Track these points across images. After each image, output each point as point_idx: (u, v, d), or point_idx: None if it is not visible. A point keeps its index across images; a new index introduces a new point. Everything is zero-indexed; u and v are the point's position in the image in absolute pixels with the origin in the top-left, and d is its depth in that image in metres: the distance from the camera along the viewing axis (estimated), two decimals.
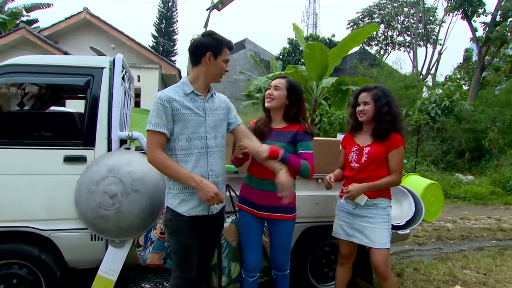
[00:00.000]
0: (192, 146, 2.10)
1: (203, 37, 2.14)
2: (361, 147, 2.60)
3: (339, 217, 2.69)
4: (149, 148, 2.07)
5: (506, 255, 4.64)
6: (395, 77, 15.75)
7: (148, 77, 13.41)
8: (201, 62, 2.13)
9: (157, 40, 28.96)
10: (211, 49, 2.11)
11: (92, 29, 14.61)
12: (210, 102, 2.21)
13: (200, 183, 2.02)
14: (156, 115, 2.05)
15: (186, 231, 2.11)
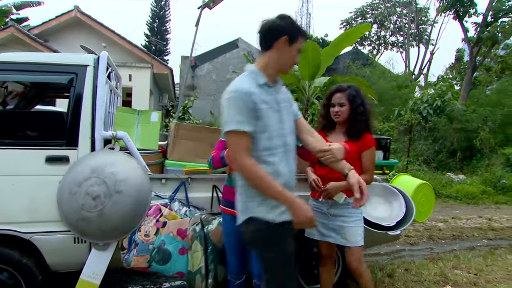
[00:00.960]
0: (273, 145, 1.79)
1: (279, 19, 1.85)
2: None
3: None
4: (235, 153, 1.72)
5: (497, 255, 4.64)
6: (387, 77, 15.79)
7: (140, 76, 13.27)
8: (273, 46, 1.83)
9: (150, 39, 28.77)
10: (287, 33, 1.82)
11: (82, 27, 14.43)
12: (280, 94, 1.91)
13: (293, 203, 1.70)
14: (237, 112, 1.69)
15: (286, 238, 1.81)
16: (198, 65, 28.75)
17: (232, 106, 1.71)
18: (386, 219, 2.99)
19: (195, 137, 2.91)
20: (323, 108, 2.67)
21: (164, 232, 2.52)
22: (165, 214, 2.55)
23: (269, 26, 1.84)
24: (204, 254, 2.45)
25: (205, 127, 3.00)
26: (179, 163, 2.85)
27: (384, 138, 3.45)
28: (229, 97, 1.72)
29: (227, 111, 1.72)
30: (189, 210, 2.64)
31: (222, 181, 2.78)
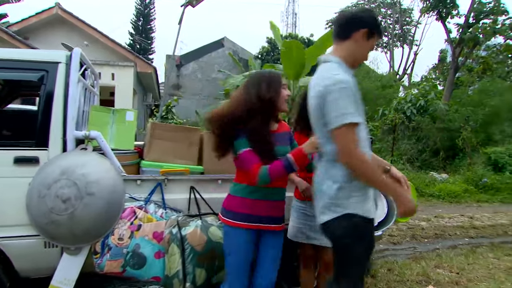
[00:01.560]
0: (363, 136, 1.79)
1: (362, 11, 1.85)
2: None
3: (298, 221, 2.59)
4: (348, 146, 1.67)
5: (478, 253, 4.67)
6: (372, 77, 15.90)
7: (123, 75, 13.05)
8: (351, 37, 1.80)
9: (134, 38, 28.36)
10: (367, 27, 1.80)
11: (64, 25, 14.11)
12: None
13: (400, 194, 1.75)
14: (349, 104, 1.66)
15: (371, 234, 1.90)
16: (183, 64, 28.49)
17: (343, 98, 1.66)
18: None
19: (173, 137, 2.82)
20: (302, 109, 2.54)
21: (139, 235, 2.43)
22: (140, 216, 2.46)
23: (351, 16, 1.85)
24: (182, 257, 2.37)
25: (182, 127, 2.92)
26: (156, 164, 2.76)
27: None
28: (338, 88, 1.67)
29: (337, 104, 1.66)
30: (166, 212, 2.55)
31: (199, 182, 2.72)
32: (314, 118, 1.87)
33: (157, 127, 2.82)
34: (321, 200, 1.87)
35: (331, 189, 1.82)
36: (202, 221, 2.52)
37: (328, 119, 1.72)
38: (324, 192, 1.85)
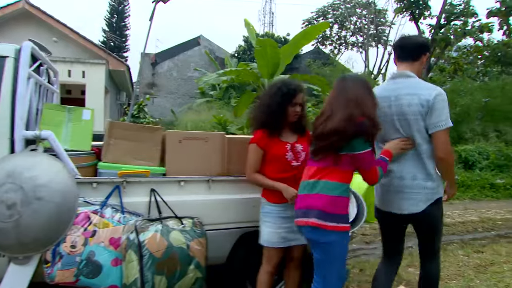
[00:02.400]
0: None
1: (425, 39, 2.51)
2: (293, 145, 2.50)
3: (276, 225, 2.47)
4: (449, 144, 2.16)
5: (449, 251, 4.70)
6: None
7: (94, 73, 12.66)
8: (419, 60, 2.28)
9: (107, 35, 27.71)
10: (428, 52, 2.36)
11: (31, 20, 13.56)
12: None
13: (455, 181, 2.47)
14: (448, 110, 2.15)
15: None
16: (158, 62, 28.00)
17: (446, 107, 2.13)
18: None
19: (133, 136, 2.67)
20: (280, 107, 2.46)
21: (94, 242, 2.27)
22: (95, 222, 2.30)
23: (422, 41, 2.39)
24: (139, 264, 2.22)
25: (143, 126, 2.76)
26: (114, 165, 2.59)
27: None
28: (443, 98, 2.13)
29: (445, 111, 2.12)
30: (124, 217, 2.40)
31: (161, 184, 2.58)
32: (411, 121, 2.17)
33: (115, 126, 2.66)
34: (411, 195, 2.24)
35: (426, 181, 2.21)
36: (162, 226, 2.38)
37: (434, 122, 2.11)
38: (416, 185, 2.22)
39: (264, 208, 2.52)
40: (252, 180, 2.52)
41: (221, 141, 2.84)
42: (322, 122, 2.05)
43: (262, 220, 2.52)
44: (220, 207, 2.73)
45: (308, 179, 2.11)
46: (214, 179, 2.72)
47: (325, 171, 2.05)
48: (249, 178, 2.53)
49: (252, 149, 2.48)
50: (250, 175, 2.51)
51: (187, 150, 2.74)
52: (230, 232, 2.78)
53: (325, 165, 2.05)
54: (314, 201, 2.04)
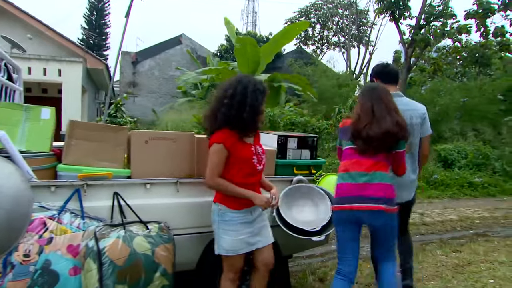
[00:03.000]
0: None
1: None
2: (255, 147, 2.43)
3: (238, 232, 2.34)
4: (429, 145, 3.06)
5: (428, 251, 4.68)
6: (329, 76, 16.04)
7: (70, 71, 12.29)
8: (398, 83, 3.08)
9: (86, 33, 27.12)
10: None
11: (4, 16, 13.09)
12: None
13: None
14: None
15: None
16: (139, 61, 27.55)
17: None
18: (311, 223, 2.80)
19: (96, 137, 2.51)
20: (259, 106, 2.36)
21: (50, 249, 2.11)
22: (52, 228, 2.14)
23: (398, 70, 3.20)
24: (99, 273, 2.08)
25: (107, 125, 2.61)
26: (74, 168, 2.43)
27: (311, 136, 3.26)
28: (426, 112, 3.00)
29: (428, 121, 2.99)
30: (84, 223, 2.25)
31: (125, 187, 2.44)
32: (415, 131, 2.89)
33: (76, 126, 2.49)
34: (408, 187, 2.92)
35: (414, 177, 2.97)
36: (125, 231, 2.24)
37: (425, 130, 2.97)
38: (411, 181, 2.94)
39: (224, 216, 2.34)
40: (215, 186, 2.31)
41: (190, 141, 2.71)
42: (365, 126, 2.40)
43: (221, 229, 2.35)
44: (189, 211, 2.61)
45: (365, 171, 2.42)
46: (182, 181, 2.60)
47: (379, 164, 2.43)
48: (211, 183, 2.30)
49: (216, 150, 2.26)
50: (213, 180, 2.28)
51: (154, 151, 2.60)
52: (200, 236, 2.66)
53: (378, 160, 2.43)
54: (379, 189, 2.40)
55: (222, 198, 2.36)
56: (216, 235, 2.38)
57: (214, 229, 2.39)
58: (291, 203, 2.90)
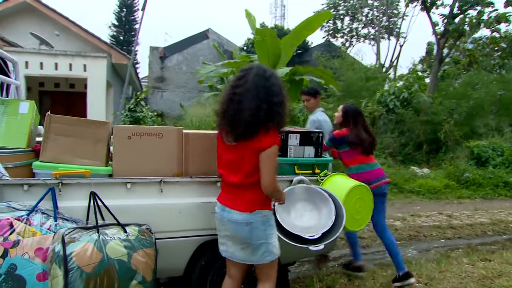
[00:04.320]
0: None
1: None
2: None
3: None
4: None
5: (452, 258, 4.27)
6: (356, 69, 15.42)
7: (95, 66, 12.45)
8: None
9: (117, 30, 27.64)
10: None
11: (34, 14, 13.43)
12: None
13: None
14: None
15: None
16: (167, 56, 27.81)
17: None
18: (310, 229, 2.52)
19: (75, 132, 2.34)
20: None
21: (16, 253, 1.95)
22: (19, 230, 1.98)
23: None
24: (64, 280, 1.90)
25: (87, 120, 2.42)
26: (50, 165, 2.27)
27: (316, 131, 2.96)
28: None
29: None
30: (56, 224, 2.09)
31: (103, 186, 2.26)
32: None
33: (55, 120, 2.33)
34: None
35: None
36: (99, 235, 2.06)
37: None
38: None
39: (270, 221, 2.19)
40: (276, 190, 2.14)
41: (178, 137, 2.50)
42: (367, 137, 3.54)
43: (269, 235, 2.17)
44: (174, 213, 2.40)
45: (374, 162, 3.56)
46: (166, 180, 2.39)
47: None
48: (275, 187, 2.11)
49: (276, 151, 2.09)
50: (276, 184, 2.12)
51: (138, 148, 2.41)
52: (187, 241, 2.46)
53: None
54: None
55: (263, 203, 2.15)
56: (265, 245, 2.15)
57: (260, 239, 2.13)
58: (289, 207, 2.63)
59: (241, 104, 2.05)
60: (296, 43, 9.80)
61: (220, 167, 2.24)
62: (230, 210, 2.14)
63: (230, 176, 2.15)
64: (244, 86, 2.08)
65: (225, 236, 2.21)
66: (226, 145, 2.15)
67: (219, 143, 2.24)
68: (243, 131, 2.04)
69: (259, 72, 2.10)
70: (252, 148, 2.05)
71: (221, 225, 2.21)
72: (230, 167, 2.15)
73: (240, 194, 2.14)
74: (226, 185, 2.23)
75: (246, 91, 2.06)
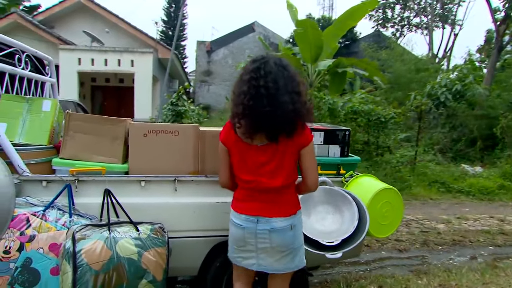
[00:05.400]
0: None
1: None
2: None
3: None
4: None
5: (500, 269, 3.88)
6: (405, 60, 14.61)
7: (142, 62, 12.89)
8: None
9: (166, 25, 28.43)
10: None
11: (87, 13, 14.17)
12: None
13: None
14: None
15: None
16: (213, 50, 28.14)
17: None
18: (331, 235, 2.37)
19: (93, 129, 2.37)
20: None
21: (31, 247, 2.02)
22: (35, 225, 2.04)
23: None
24: (73, 276, 1.93)
25: (105, 118, 2.44)
26: (68, 162, 2.32)
27: (342, 129, 2.79)
28: None
29: None
30: (70, 221, 2.13)
31: (118, 184, 2.27)
32: None
33: (74, 118, 2.38)
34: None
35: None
36: (110, 233, 2.07)
37: None
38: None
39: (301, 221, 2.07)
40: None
41: (194, 135, 2.45)
42: None
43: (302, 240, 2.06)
44: (188, 212, 2.36)
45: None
46: (180, 179, 2.35)
47: None
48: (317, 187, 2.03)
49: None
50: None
51: (154, 145, 2.39)
52: (201, 241, 2.41)
53: None
54: None
55: (298, 202, 2.06)
56: (302, 247, 2.06)
57: (300, 242, 2.04)
58: (309, 209, 2.50)
59: (272, 98, 1.81)
60: (340, 33, 9.50)
61: (243, 172, 1.95)
62: (269, 219, 1.92)
63: (265, 181, 1.91)
64: (267, 78, 1.84)
65: (261, 249, 1.95)
66: (250, 146, 1.91)
67: (233, 145, 1.95)
68: (283, 128, 1.84)
69: (276, 61, 1.89)
70: (293, 146, 1.89)
71: (251, 238, 1.95)
72: (263, 171, 1.91)
73: (279, 198, 1.96)
74: (255, 192, 1.96)
75: (273, 83, 1.83)
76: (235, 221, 1.99)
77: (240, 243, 2.00)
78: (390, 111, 7.72)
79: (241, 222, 1.97)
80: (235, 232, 2.00)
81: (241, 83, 1.87)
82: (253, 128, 1.84)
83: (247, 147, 1.91)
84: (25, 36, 12.45)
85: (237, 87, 1.89)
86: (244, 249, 2.01)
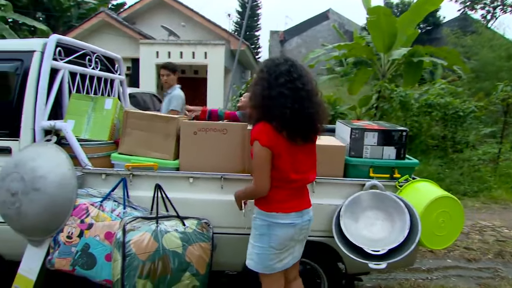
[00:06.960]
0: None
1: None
2: None
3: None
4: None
5: None
6: (495, 45, 13.08)
7: (214, 53, 13.30)
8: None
9: (240, 16, 28.88)
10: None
11: (164, 8, 14.92)
12: None
13: None
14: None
15: None
16: (287, 39, 28.01)
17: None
18: (380, 242, 2.26)
19: (147, 126, 2.52)
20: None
21: (89, 234, 2.23)
22: (93, 214, 2.25)
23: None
24: (122, 264, 2.10)
25: (158, 115, 2.57)
26: (124, 157, 2.50)
27: (399, 129, 2.60)
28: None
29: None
30: (124, 212, 2.30)
31: (168, 179, 2.40)
32: None
33: (131, 115, 2.55)
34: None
35: None
36: (158, 226, 2.20)
37: None
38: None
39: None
40: None
41: (242, 134, 2.48)
42: None
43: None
44: (233, 209, 2.40)
45: None
46: (227, 177, 2.41)
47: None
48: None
49: None
50: None
51: (203, 143, 2.47)
52: (246, 238, 2.42)
53: None
54: None
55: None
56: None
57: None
58: (358, 213, 2.41)
59: (310, 100, 1.90)
60: (417, 19, 8.82)
61: (292, 171, 1.94)
62: (308, 210, 2.06)
63: (308, 178, 2.04)
64: (301, 80, 1.89)
65: (299, 241, 2.03)
66: (297, 147, 1.93)
67: (284, 148, 1.90)
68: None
69: (298, 63, 1.97)
70: (315, 143, 2.06)
71: (297, 233, 2.00)
72: (304, 169, 2.00)
73: (307, 190, 2.12)
74: (297, 189, 2.01)
75: (309, 84, 1.92)
76: (284, 222, 1.96)
77: (286, 243, 1.99)
78: (470, 104, 7.03)
79: (291, 220, 1.98)
80: (284, 234, 1.97)
81: (275, 86, 1.87)
82: (301, 130, 1.91)
83: (295, 147, 1.94)
84: (111, 32, 13.56)
85: (267, 90, 1.87)
86: (285, 249, 2.01)
